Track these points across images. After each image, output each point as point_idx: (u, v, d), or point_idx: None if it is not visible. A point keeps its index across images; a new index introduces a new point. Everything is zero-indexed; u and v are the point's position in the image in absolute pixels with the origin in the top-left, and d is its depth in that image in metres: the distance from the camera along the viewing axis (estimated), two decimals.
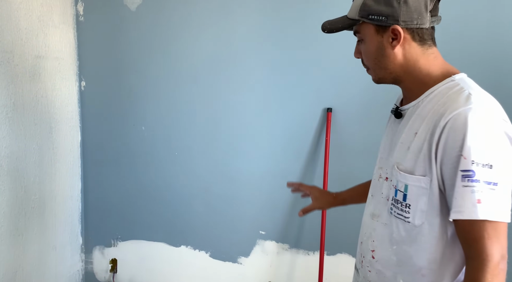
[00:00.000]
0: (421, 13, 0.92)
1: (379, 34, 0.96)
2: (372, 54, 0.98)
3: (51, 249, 2.27)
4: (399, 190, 0.95)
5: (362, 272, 1.08)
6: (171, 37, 2.23)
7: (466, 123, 0.83)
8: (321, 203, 1.39)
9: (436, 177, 0.89)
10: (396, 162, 0.97)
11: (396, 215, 0.97)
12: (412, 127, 0.95)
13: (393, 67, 0.97)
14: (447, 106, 0.88)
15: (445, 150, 0.86)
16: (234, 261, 2.30)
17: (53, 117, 2.25)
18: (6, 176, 1.95)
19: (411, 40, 0.95)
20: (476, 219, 0.82)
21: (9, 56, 1.93)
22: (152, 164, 2.36)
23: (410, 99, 1.00)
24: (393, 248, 0.98)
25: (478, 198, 0.82)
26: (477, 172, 0.82)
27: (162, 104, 2.30)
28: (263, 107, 2.16)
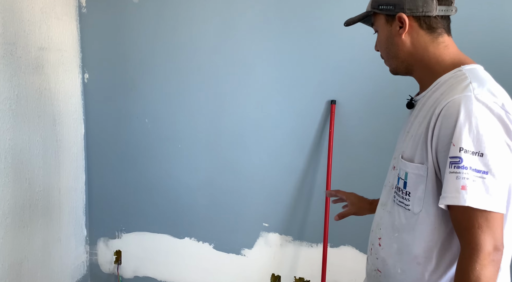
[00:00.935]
0: (427, 1, 0.94)
1: (388, 23, 1.00)
2: (383, 43, 1.02)
3: (56, 240, 2.29)
4: (401, 178, 0.97)
5: (371, 259, 1.10)
6: (174, 28, 2.22)
7: (459, 110, 0.83)
8: (357, 209, 1.35)
9: (433, 165, 0.89)
10: (402, 151, 0.99)
11: (398, 203, 0.99)
12: (418, 117, 0.96)
13: (403, 56, 0.99)
14: (445, 94, 0.88)
15: (439, 137, 0.86)
16: (238, 253, 2.31)
17: (57, 109, 2.25)
18: (10, 168, 1.96)
19: (418, 28, 0.96)
20: (459, 205, 0.82)
21: (12, 48, 1.93)
22: (155, 156, 2.36)
23: (423, 89, 1.01)
24: (394, 235, 1.00)
25: (462, 185, 0.81)
26: (464, 159, 0.82)
27: (166, 97, 2.30)
28: (266, 99, 2.15)
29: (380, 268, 1.05)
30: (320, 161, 2.11)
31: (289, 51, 2.07)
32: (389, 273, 1.01)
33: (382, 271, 1.04)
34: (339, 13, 1.97)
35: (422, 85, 1.02)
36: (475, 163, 0.81)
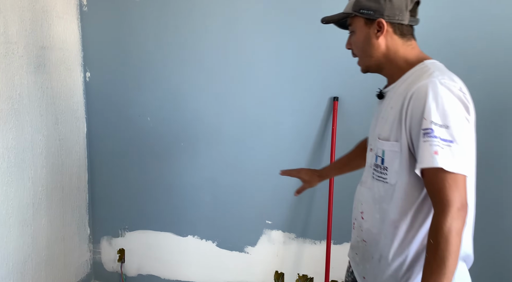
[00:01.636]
0: (402, 10, 1.11)
1: (367, 25, 1.14)
2: (360, 43, 1.16)
3: (59, 239, 2.29)
4: (379, 156, 1.14)
5: (356, 232, 1.26)
6: (176, 26, 2.22)
7: (427, 91, 1.01)
8: (308, 182, 1.61)
9: (406, 141, 1.05)
10: (378, 134, 1.15)
11: (377, 178, 1.15)
12: (390, 103, 1.13)
13: (377, 55, 1.15)
14: (414, 81, 1.06)
15: (412, 116, 1.03)
16: (241, 251, 2.31)
17: (59, 108, 2.25)
18: (13, 167, 1.96)
19: (392, 33, 1.13)
20: (433, 167, 0.97)
21: (13, 47, 1.93)
22: (158, 155, 2.36)
23: (391, 82, 1.18)
24: (376, 207, 1.16)
25: (435, 150, 0.97)
26: (435, 130, 0.98)
27: (168, 95, 2.29)
28: (269, 97, 2.14)
29: (365, 238, 1.21)
30: (323, 158, 2.11)
31: (291, 48, 2.07)
32: (374, 240, 1.17)
33: (367, 240, 1.20)
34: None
35: (391, 79, 1.18)
36: (443, 133, 0.98)
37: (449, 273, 0.94)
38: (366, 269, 1.22)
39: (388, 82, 1.20)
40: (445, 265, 0.94)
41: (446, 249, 0.95)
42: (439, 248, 0.95)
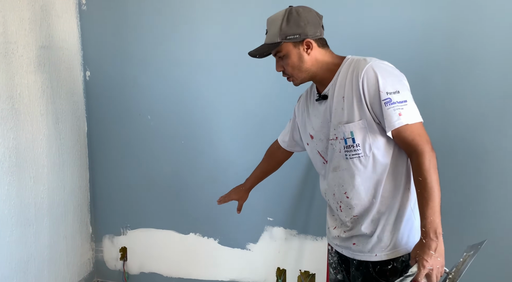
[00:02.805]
0: (318, 27, 1.35)
1: (296, 47, 1.34)
2: (295, 63, 1.35)
3: (61, 238, 2.30)
4: (348, 137, 1.31)
5: (344, 214, 1.41)
6: (175, 25, 2.21)
7: (375, 71, 1.25)
8: (242, 198, 1.83)
9: (370, 115, 1.26)
10: (338, 122, 1.33)
11: (351, 157, 1.32)
12: (339, 95, 1.32)
13: (311, 68, 1.35)
14: (357, 69, 1.28)
15: (369, 94, 1.25)
16: (243, 248, 2.32)
17: (59, 107, 2.25)
18: (14, 166, 1.96)
19: (317, 47, 1.35)
20: (403, 125, 1.22)
21: (13, 47, 1.93)
22: (159, 153, 2.36)
23: (325, 84, 1.37)
24: (357, 181, 1.33)
25: (399, 113, 1.22)
26: (392, 98, 1.22)
27: (168, 93, 2.29)
28: (269, 94, 2.14)
29: (356, 213, 1.37)
30: None
31: None
32: (366, 209, 1.34)
33: (358, 214, 1.36)
34: (341, 9, 1.96)
35: (324, 81, 1.38)
36: (397, 97, 1.23)
37: (438, 198, 1.20)
38: (357, 237, 1.39)
39: (320, 85, 1.40)
40: (435, 192, 1.19)
41: (432, 180, 1.20)
42: (427, 181, 1.20)
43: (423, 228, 1.20)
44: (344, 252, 1.45)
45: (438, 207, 1.20)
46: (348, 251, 1.43)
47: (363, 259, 1.37)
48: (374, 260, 1.35)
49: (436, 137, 1.58)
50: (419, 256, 1.19)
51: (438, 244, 1.19)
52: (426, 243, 1.19)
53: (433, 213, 1.19)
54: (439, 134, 1.86)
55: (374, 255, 1.35)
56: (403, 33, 1.90)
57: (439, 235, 1.19)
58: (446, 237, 1.23)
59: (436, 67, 1.87)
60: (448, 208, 1.91)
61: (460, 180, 1.91)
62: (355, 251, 1.39)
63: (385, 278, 1.33)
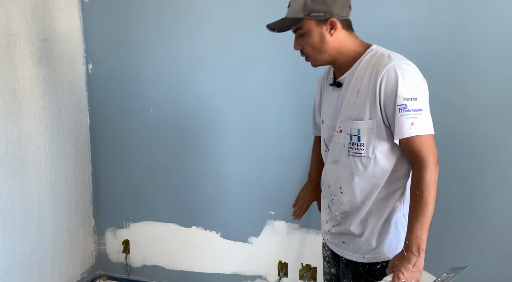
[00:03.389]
0: (345, 7, 1.26)
1: (319, 26, 1.25)
2: (315, 42, 1.26)
3: (64, 231, 2.31)
4: (353, 135, 1.27)
5: (335, 207, 1.39)
6: (178, 16, 2.21)
7: (396, 73, 1.18)
8: (317, 197, 1.70)
9: (380, 117, 1.22)
10: (347, 116, 1.28)
11: (353, 155, 1.29)
12: (354, 88, 1.27)
13: (331, 51, 1.28)
14: (378, 65, 1.21)
15: (385, 95, 1.19)
16: (245, 241, 2.32)
17: (62, 100, 2.25)
18: (17, 159, 1.97)
19: (341, 28, 1.26)
20: (413, 135, 1.18)
21: (16, 40, 1.93)
22: (161, 147, 2.36)
23: (343, 71, 1.31)
24: (354, 180, 1.30)
25: (411, 122, 1.17)
26: (408, 105, 1.17)
27: (170, 86, 2.29)
28: (271, 88, 2.13)
29: (346, 209, 1.36)
30: None
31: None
32: (357, 208, 1.33)
33: (349, 210, 1.35)
34: None
35: (342, 68, 1.31)
36: (413, 105, 1.17)
37: (430, 215, 1.18)
38: (346, 236, 1.38)
39: (338, 71, 1.34)
40: (428, 208, 1.17)
41: (428, 195, 1.17)
42: (423, 196, 1.17)
43: (408, 240, 1.18)
44: (334, 248, 1.45)
45: (427, 224, 1.18)
46: (337, 249, 1.43)
47: (351, 259, 1.37)
48: (362, 262, 1.35)
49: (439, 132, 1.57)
50: (397, 267, 1.19)
51: (418, 259, 1.17)
52: (406, 256, 1.18)
53: (421, 228, 1.17)
54: (442, 129, 1.85)
55: (362, 257, 1.34)
56: (405, 29, 1.89)
57: (421, 251, 1.18)
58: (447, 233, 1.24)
59: (439, 63, 1.86)
60: (449, 203, 1.90)
61: (463, 174, 1.90)
62: (344, 249, 1.39)
63: (374, 277, 1.33)
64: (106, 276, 2.62)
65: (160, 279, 2.51)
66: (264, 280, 2.33)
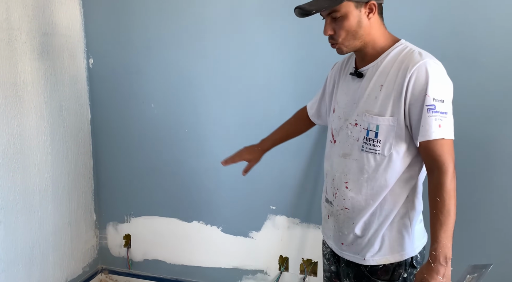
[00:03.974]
0: None
1: (357, 9, 1.18)
2: (352, 26, 1.19)
3: (66, 225, 2.32)
4: (371, 130, 1.22)
5: (337, 202, 1.35)
6: (179, 11, 2.20)
7: (427, 71, 1.13)
8: (255, 159, 1.70)
9: (403, 115, 1.17)
10: (366, 110, 1.23)
11: (367, 150, 1.24)
12: (377, 82, 1.21)
13: (366, 36, 1.21)
14: (408, 62, 1.16)
15: (413, 93, 1.15)
16: (246, 236, 2.33)
17: (63, 95, 2.25)
18: (19, 154, 1.97)
19: (377, 13, 1.21)
20: (439, 138, 1.13)
21: (16, 34, 1.92)
22: (162, 141, 2.37)
23: (367, 62, 1.25)
24: (364, 176, 1.26)
25: (439, 124, 1.13)
26: (436, 106, 1.13)
27: (171, 81, 2.29)
28: (273, 82, 2.13)
29: (347, 206, 1.31)
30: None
31: (296, 32, 2.05)
32: (360, 207, 1.28)
33: (350, 207, 1.31)
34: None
35: (367, 58, 1.25)
36: (441, 107, 1.13)
37: (453, 222, 1.14)
38: (345, 235, 1.35)
39: (362, 60, 1.28)
40: (451, 216, 1.14)
41: (450, 203, 1.14)
42: (445, 204, 1.13)
43: (434, 251, 1.14)
44: (334, 248, 1.42)
45: (451, 232, 1.14)
46: (337, 248, 1.40)
47: (351, 260, 1.34)
48: (363, 264, 1.32)
49: None
50: (426, 280, 1.15)
51: (446, 269, 1.15)
52: (434, 267, 1.14)
53: (447, 237, 1.14)
54: None
55: (362, 259, 1.31)
56: (407, 26, 1.88)
57: (448, 260, 1.15)
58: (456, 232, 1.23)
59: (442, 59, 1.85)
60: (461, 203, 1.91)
61: (469, 172, 1.90)
62: (344, 250, 1.36)
63: (376, 276, 1.30)
64: (107, 270, 2.63)
65: (161, 273, 2.52)
66: (265, 274, 2.34)
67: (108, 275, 2.63)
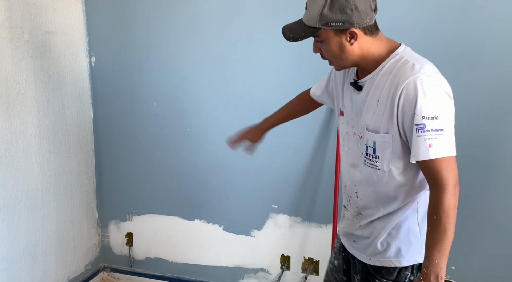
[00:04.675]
0: (368, 13, 1.12)
1: (337, 35, 1.14)
2: (334, 52, 1.18)
3: (68, 223, 2.32)
4: (369, 146, 1.21)
5: (351, 208, 1.37)
6: (182, 10, 2.20)
7: (416, 88, 1.08)
8: (256, 138, 1.69)
9: (398, 132, 1.14)
10: (365, 124, 1.21)
11: (368, 165, 1.24)
12: (374, 96, 1.19)
13: (353, 58, 1.18)
14: (399, 77, 1.12)
15: (403, 111, 1.11)
16: (247, 234, 2.33)
17: (65, 93, 2.25)
18: (21, 152, 1.98)
19: (363, 35, 1.15)
20: (429, 159, 1.09)
21: (19, 32, 1.92)
22: (164, 140, 2.37)
23: (365, 74, 1.22)
24: (370, 189, 1.26)
25: (429, 144, 1.08)
26: (427, 125, 1.07)
27: (173, 80, 2.29)
28: (275, 81, 2.13)
29: (361, 212, 1.33)
30: (329, 141, 2.11)
31: None
32: (371, 213, 1.29)
33: (363, 214, 1.32)
34: None
35: (365, 71, 1.22)
36: (434, 125, 1.07)
37: (449, 241, 1.10)
38: (355, 235, 1.36)
39: (361, 72, 1.25)
40: (447, 235, 1.09)
41: (447, 221, 1.09)
42: (441, 222, 1.09)
43: (425, 269, 1.12)
44: (346, 245, 1.43)
45: (447, 251, 1.10)
46: (348, 246, 1.42)
47: (360, 259, 1.36)
48: (368, 263, 1.33)
49: None
50: None
51: None
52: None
53: (440, 256, 1.10)
54: None
55: (368, 258, 1.33)
56: (409, 25, 1.87)
57: (440, 280, 1.11)
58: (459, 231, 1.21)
59: (446, 58, 1.85)
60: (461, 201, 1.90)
61: (474, 172, 1.89)
62: (354, 248, 1.38)
63: (380, 275, 1.31)
64: (109, 268, 2.64)
65: (163, 271, 2.53)
66: (266, 273, 2.34)
67: (110, 273, 2.64)
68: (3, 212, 1.90)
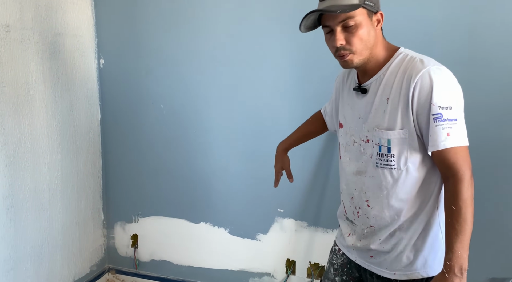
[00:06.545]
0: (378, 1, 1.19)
1: (369, 17, 1.16)
2: (365, 35, 1.15)
3: (74, 224, 2.33)
4: (383, 145, 1.19)
5: (360, 221, 1.32)
6: (190, 13, 2.20)
7: (432, 79, 1.10)
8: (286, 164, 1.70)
9: (413, 126, 1.14)
10: (375, 125, 1.20)
11: (382, 166, 1.22)
12: (383, 95, 1.19)
13: (374, 47, 1.19)
14: (410, 71, 1.13)
15: (419, 103, 1.12)
16: (253, 238, 2.32)
17: (74, 94, 2.26)
18: (29, 152, 1.99)
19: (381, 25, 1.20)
20: (449, 147, 1.10)
21: (29, 34, 1.94)
22: (171, 142, 2.37)
23: (370, 76, 1.23)
24: (384, 193, 1.23)
25: (447, 132, 1.10)
26: (443, 114, 1.09)
27: (181, 82, 2.29)
28: (282, 85, 2.13)
29: (373, 224, 1.28)
30: (335, 146, 2.10)
31: (306, 34, 2.03)
32: (386, 223, 1.25)
33: (375, 225, 1.28)
34: None
35: (368, 73, 1.23)
36: (449, 114, 1.10)
37: (470, 232, 1.10)
38: (372, 251, 1.30)
39: (363, 75, 1.25)
40: (468, 225, 1.10)
41: (466, 211, 1.10)
42: (461, 212, 1.10)
43: (448, 261, 1.10)
44: (359, 261, 1.36)
45: (468, 242, 1.10)
46: (363, 262, 1.35)
47: (380, 274, 1.29)
48: (393, 278, 1.27)
49: None
50: None
51: (462, 280, 1.10)
52: (449, 278, 1.10)
53: (463, 247, 1.09)
54: None
55: (393, 273, 1.26)
56: (419, 28, 1.86)
57: (464, 271, 1.10)
58: None
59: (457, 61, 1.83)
60: None
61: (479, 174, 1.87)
62: (373, 263, 1.31)
63: None
64: (114, 270, 2.64)
65: (168, 274, 2.53)
66: (271, 277, 2.33)
67: (115, 275, 2.64)
68: (10, 212, 1.91)
